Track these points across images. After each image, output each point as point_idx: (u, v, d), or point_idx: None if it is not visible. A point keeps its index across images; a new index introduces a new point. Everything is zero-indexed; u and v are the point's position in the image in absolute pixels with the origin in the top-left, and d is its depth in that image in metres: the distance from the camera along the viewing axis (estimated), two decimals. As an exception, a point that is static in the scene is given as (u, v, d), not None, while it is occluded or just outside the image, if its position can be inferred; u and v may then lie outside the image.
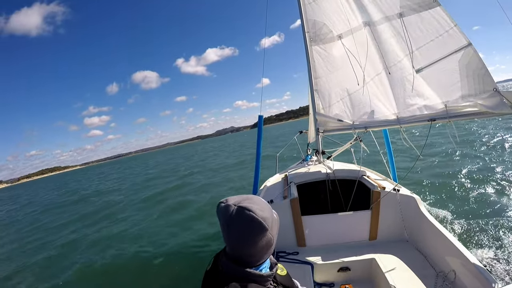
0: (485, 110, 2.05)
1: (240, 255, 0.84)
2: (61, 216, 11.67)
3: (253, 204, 0.83)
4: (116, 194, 15.02)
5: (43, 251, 7.19)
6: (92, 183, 26.99)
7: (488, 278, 1.69)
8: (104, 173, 43.38)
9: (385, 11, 2.64)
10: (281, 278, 0.99)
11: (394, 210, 2.71)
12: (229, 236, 0.82)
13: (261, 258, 0.86)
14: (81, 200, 15.81)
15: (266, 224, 0.81)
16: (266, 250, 0.86)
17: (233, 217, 0.80)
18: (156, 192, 12.37)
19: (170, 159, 39.78)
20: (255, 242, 0.81)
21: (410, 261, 2.30)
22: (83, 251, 6.43)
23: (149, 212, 8.89)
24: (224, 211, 0.83)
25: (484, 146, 9.17)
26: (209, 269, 0.90)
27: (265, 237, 0.82)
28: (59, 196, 21.81)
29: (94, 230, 8.15)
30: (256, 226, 0.80)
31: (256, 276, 0.84)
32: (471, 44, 2.17)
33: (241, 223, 0.80)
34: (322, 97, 3.31)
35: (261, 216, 0.80)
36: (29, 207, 18.74)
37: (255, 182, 3.59)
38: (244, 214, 0.80)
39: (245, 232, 0.80)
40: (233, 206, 0.82)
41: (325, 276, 2.43)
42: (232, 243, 0.83)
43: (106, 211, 10.57)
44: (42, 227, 10.40)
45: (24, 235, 9.71)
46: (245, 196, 0.87)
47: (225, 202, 0.85)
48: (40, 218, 12.56)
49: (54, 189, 31.53)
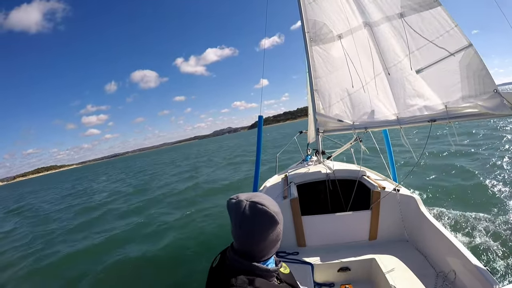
0: (485, 111, 2.05)
1: (250, 249, 0.87)
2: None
3: (264, 199, 0.87)
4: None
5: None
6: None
7: (488, 278, 1.70)
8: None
9: (386, 11, 2.63)
10: (284, 276, 1.01)
11: (394, 210, 2.71)
12: (241, 231, 0.85)
13: (268, 253, 0.90)
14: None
15: (277, 218, 0.86)
16: (274, 245, 0.90)
17: (245, 211, 0.84)
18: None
19: (138, 166, 37.87)
20: (266, 236, 0.85)
21: (410, 261, 2.30)
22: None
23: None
24: (236, 206, 0.86)
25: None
26: (215, 266, 0.93)
27: (275, 231, 0.87)
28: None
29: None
30: (269, 220, 0.84)
31: (262, 270, 0.87)
32: (471, 44, 2.16)
33: (254, 217, 0.83)
34: (322, 97, 3.31)
35: (273, 210, 0.85)
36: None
37: (255, 182, 3.59)
38: (257, 208, 0.84)
39: (258, 226, 0.84)
40: (245, 201, 0.86)
41: (325, 276, 2.44)
42: (243, 238, 0.86)
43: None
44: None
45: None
46: (254, 193, 0.91)
47: (236, 198, 0.89)
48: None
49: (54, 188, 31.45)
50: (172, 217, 7.51)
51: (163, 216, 7.94)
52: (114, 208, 10.60)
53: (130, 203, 10.99)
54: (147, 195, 12.03)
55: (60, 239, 7.92)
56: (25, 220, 12.42)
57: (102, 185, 21.90)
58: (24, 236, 9.20)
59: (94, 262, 5.50)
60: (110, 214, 9.74)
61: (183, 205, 8.74)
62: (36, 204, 18.14)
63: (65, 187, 28.49)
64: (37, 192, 30.26)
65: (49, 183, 49.14)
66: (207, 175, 14.35)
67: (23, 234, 9.55)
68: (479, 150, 8.79)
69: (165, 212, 8.31)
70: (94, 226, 8.54)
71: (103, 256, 5.69)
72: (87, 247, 6.56)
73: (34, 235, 8.85)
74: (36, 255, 6.82)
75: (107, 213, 10.01)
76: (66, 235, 8.13)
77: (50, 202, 17.70)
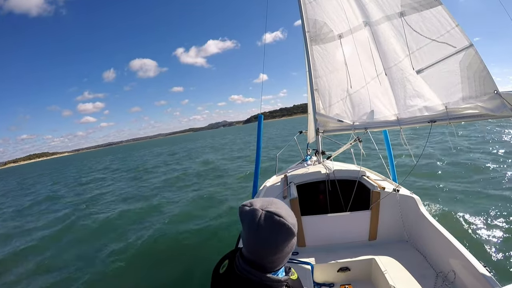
0: (485, 112, 2.04)
1: (262, 260, 0.82)
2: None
3: (281, 209, 0.82)
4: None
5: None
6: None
7: (488, 278, 1.70)
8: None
9: (386, 10, 2.62)
10: (293, 282, 0.97)
11: (394, 211, 2.71)
12: (254, 241, 0.81)
13: (281, 264, 0.86)
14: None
15: (295, 230, 0.81)
16: (288, 256, 0.86)
17: (261, 222, 0.79)
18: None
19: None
20: (282, 248, 0.81)
21: (409, 261, 2.30)
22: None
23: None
24: (251, 215, 0.81)
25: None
26: (223, 272, 0.88)
27: (291, 243, 0.83)
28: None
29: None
30: (286, 232, 0.79)
31: (274, 281, 0.83)
32: (472, 45, 2.15)
33: (270, 229, 0.78)
34: (322, 97, 3.30)
35: (290, 222, 0.80)
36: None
37: (255, 182, 3.59)
38: (274, 219, 0.79)
39: (274, 238, 0.79)
40: (261, 211, 0.80)
41: (325, 276, 2.44)
42: (256, 248, 0.82)
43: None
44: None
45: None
46: (269, 200, 0.86)
47: (249, 205, 0.83)
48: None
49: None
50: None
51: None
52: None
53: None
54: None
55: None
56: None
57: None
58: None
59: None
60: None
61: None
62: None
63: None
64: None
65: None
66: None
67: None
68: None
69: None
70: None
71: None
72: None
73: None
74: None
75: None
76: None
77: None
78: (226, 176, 11.28)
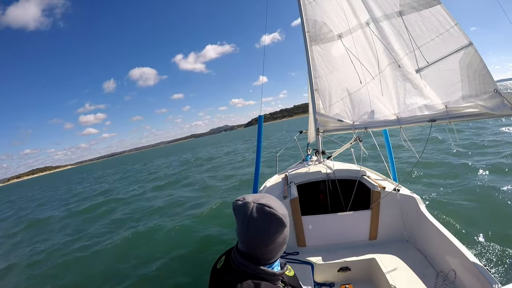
0: (485, 111, 2.04)
1: (256, 252, 0.86)
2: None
3: (271, 202, 0.86)
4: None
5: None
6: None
7: (488, 277, 1.70)
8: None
9: (385, 9, 2.62)
10: (289, 278, 1.00)
11: (394, 210, 2.70)
12: (247, 234, 0.84)
13: (275, 256, 0.89)
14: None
15: (285, 221, 0.85)
16: (281, 248, 0.88)
17: (253, 214, 0.82)
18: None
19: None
20: (274, 239, 0.84)
21: (410, 261, 2.30)
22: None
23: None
24: (243, 209, 0.85)
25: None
26: (220, 267, 0.91)
27: (283, 234, 0.86)
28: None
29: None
30: (277, 223, 0.83)
31: (268, 274, 0.86)
32: (472, 43, 2.15)
33: (262, 220, 0.82)
34: (322, 96, 3.31)
35: (281, 213, 0.84)
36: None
37: (255, 182, 3.59)
38: (265, 211, 0.82)
39: (266, 229, 0.82)
40: (252, 204, 0.84)
41: (325, 276, 2.44)
42: (250, 241, 0.85)
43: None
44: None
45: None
46: (261, 195, 0.89)
47: (242, 200, 0.87)
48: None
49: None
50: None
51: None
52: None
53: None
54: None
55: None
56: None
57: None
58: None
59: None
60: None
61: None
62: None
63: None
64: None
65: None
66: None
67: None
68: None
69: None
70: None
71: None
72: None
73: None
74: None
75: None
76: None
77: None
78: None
